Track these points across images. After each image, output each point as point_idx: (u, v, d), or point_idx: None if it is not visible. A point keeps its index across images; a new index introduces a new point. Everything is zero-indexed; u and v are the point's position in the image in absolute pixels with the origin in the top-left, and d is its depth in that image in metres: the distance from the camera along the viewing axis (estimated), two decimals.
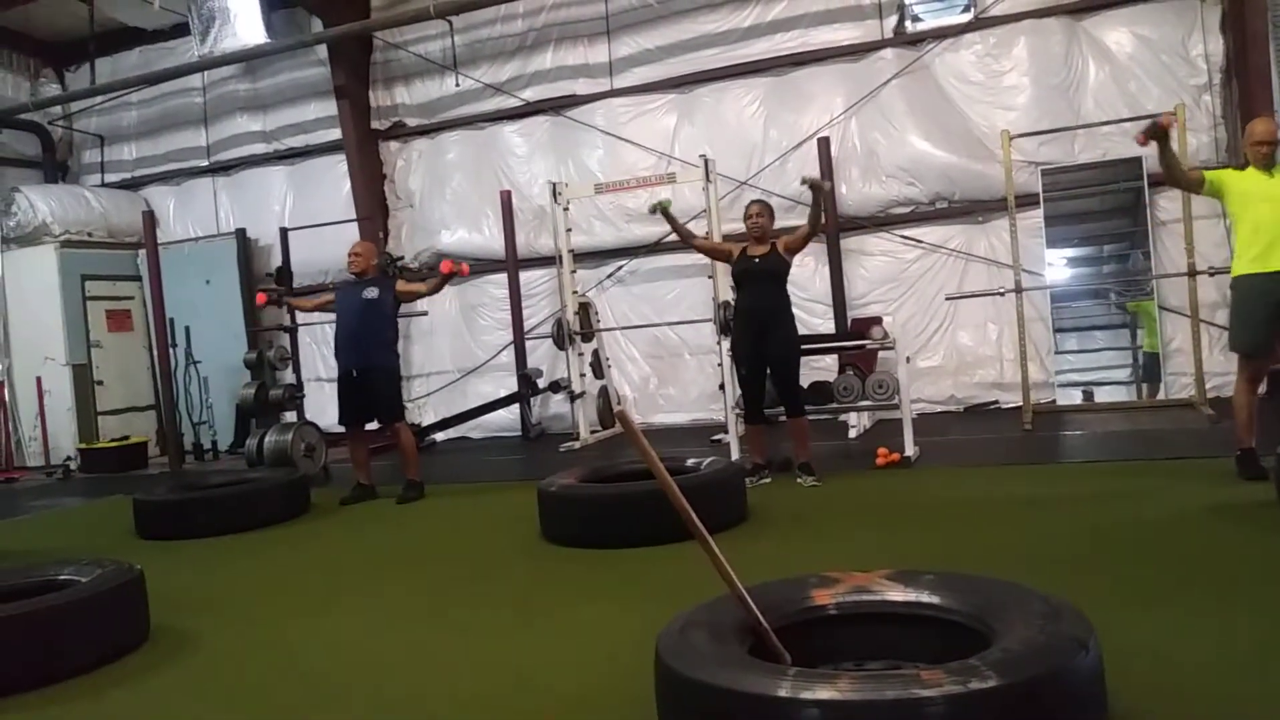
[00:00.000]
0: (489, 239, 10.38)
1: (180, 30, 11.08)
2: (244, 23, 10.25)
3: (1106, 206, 8.62)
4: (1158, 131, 4.96)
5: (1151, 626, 3.05)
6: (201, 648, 3.72)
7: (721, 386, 7.46)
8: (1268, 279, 4.82)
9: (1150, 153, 8.19)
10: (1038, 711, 2.02)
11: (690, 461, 5.41)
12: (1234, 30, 8.19)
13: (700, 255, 7.61)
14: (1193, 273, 7.67)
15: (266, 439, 7.82)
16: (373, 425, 6.92)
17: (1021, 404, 7.97)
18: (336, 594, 4.43)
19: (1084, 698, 2.14)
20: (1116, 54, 8.47)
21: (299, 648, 3.65)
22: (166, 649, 3.71)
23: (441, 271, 6.54)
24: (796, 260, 6.17)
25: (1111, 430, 7.17)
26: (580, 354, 9.18)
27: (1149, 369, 8.40)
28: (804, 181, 5.93)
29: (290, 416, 8.87)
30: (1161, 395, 8.15)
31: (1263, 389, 6.69)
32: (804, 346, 6.39)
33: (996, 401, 8.66)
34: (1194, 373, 7.78)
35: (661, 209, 6.26)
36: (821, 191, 5.81)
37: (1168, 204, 8.15)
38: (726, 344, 6.87)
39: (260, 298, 7.52)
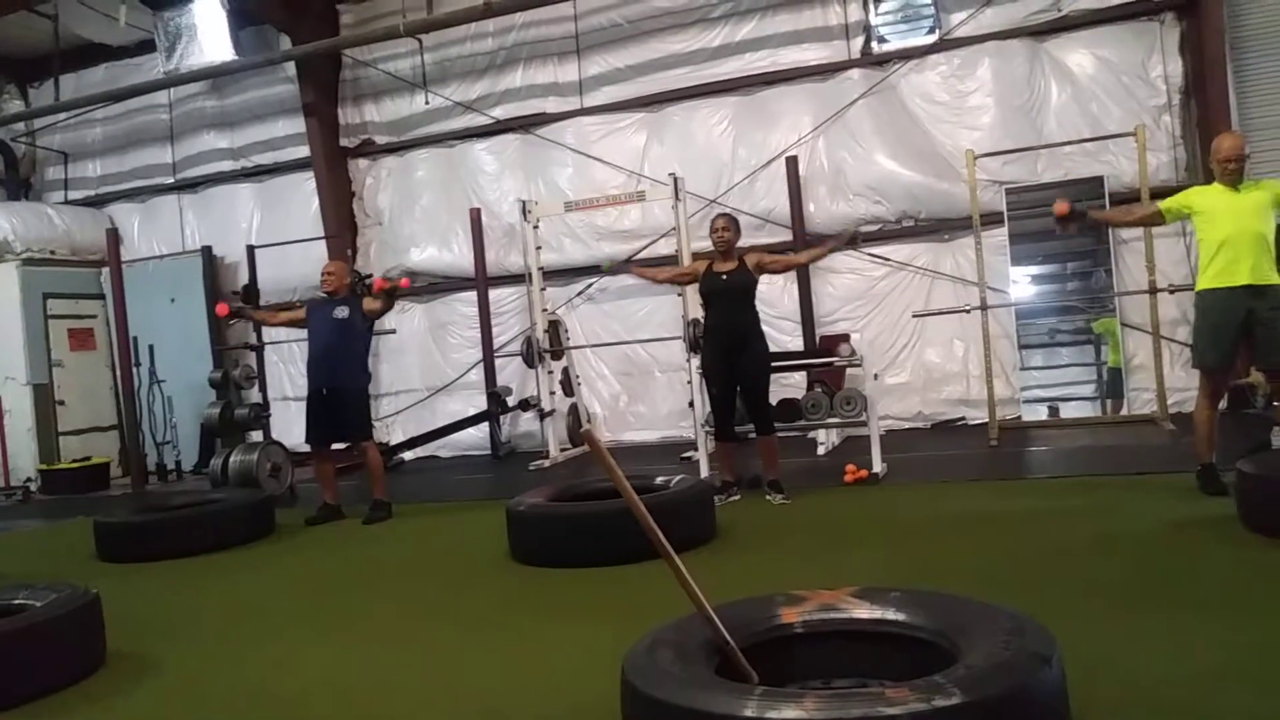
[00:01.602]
0: (458, 257, 10.35)
1: (146, 47, 11.00)
2: (211, 40, 10.19)
3: (1071, 231, 8.71)
4: (1066, 216, 5.10)
5: (1115, 641, 3.07)
6: (160, 673, 3.65)
7: (691, 404, 7.46)
8: (1230, 294, 4.88)
9: (1111, 171, 8.41)
10: None
11: (659, 479, 5.40)
12: (1192, 52, 8.36)
13: (671, 268, 7.62)
14: (1153, 290, 7.78)
15: (231, 459, 7.73)
16: (340, 445, 6.85)
17: (988, 420, 8.04)
18: (301, 617, 4.37)
19: (1047, 713, 2.15)
20: (1078, 75, 8.62)
21: (261, 672, 3.59)
22: (123, 675, 3.63)
23: (375, 289, 6.53)
24: (765, 277, 6.20)
25: (1076, 445, 7.25)
26: (550, 372, 9.16)
27: (1113, 385, 8.50)
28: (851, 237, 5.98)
29: (256, 436, 8.78)
30: (1124, 411, 8.25)
31: (1222, 404, 6.82)
32: (773, 364, 6.41)
33: (963, 418, 8.73)
34: (1156, 388, 7.89)
35: (609, 270, 6.35)
36: (854, 243, 5.95)
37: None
38: (696, 361, 6.88)
39: (221, 308, 7.37)
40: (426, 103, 10.31)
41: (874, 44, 9.24)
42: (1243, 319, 4.86)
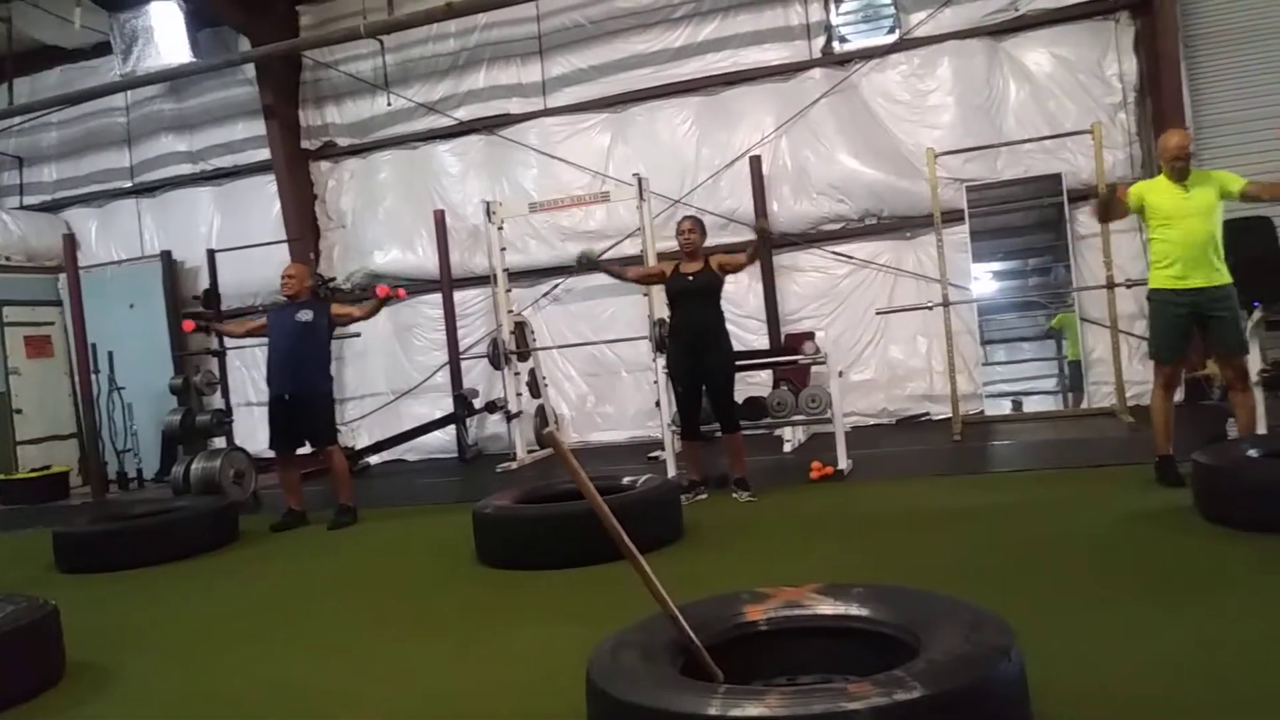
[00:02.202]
0: (423, 259, 10.30)
1: (102, 49, 10.83)
2: (168, 42, 10.04)
3: (1029, 222, 8.85)
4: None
5: (1074, 632, 3.12)
6: (120, 685, 3.60)
7: (658, 404, 7.48)
8: (1178, 294, 5.00)
9: (1069, 169, 8.51)
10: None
11: (626, 479, 5.40)
12: (1147, 51, 8.50)
13: (639, 268, 7.65)
14: (1111, 285, 7.90)
15: (193, 466, 7.63)
16: (304, 450, 6.79)
17: (951, 415, 8.12)
18: (265, 625, 4.33)
19: (1007, 705, 2.17)
20: (1036, 74, 8.73)
21: (225, 682, 3.55)
22: (83, 687, 3.58)
23: (378, 295, 6.48)
24: (730, 276, 6.22)
25: (1037, 439, 7.35)
26: (516, 373, 9.13)
27: (1073, 378, 8.63)
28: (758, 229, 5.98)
29: (219, 442, 8.68)
30: (1084, 404, 8.37)
31: (1180, 396, 6.94)
32: (739, 363, 6.44)
33: (927, 413, 8.81)
34: (1114, 382, 8.01)
35: (588, 261, 6.32)
36: (767, 236, 5.95)
37: (1086, 219, 8.38)
38: (662, 361, 6.90)
39: (188, 325, 7.29)
40: (389, 104, 10.24)
41: (835, 44, 9.30)
42: (1190, 311, 4.98)
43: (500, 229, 9.09)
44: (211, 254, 10.24)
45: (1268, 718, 2.39)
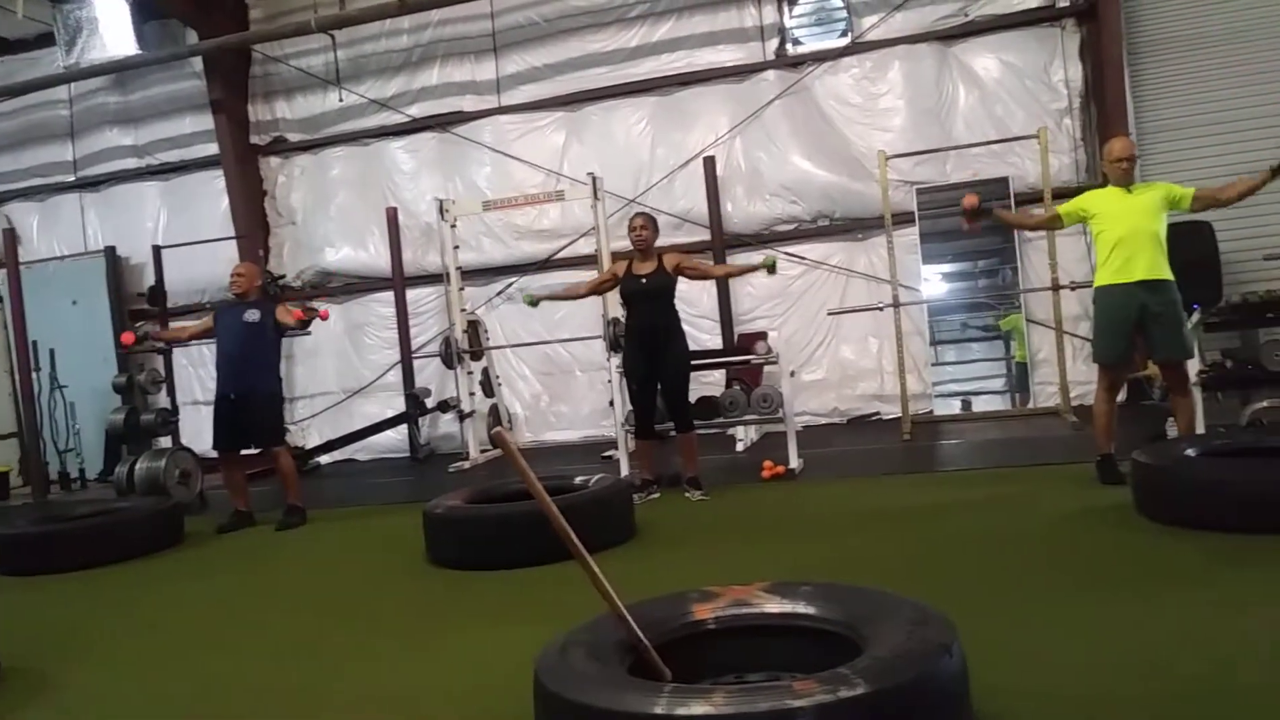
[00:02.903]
0: (374, 256, 10.20)
1: (45, 40, 10.59)
2: (113, 33, 9.84)
3: (979, 226, 8.95)
4: (972, 211, 5.28)
5: (1016, 627, 3.18)
6: (59, 691, 3.52)
7: (612, 403, 7.48)
8: (1125, 290, 5.09)
9: (1016, 172, 8.67)
10: (904, 716, 2.08)
11: (578, 479, 5.39)
12: (1092, 57, 8.69)
13: (590, 280, 7.63)
14: (1056, 287, 8.05)
15: (137, 466, 7.48)
16: (251, 450, 6.69)
17: (901, 415, 8.22)
18: (210, 628, 4.26)
19: (949, 700, 2.21)
20: (984, 79, 8.87)
21: (167, 688, 3.49)
22: (18, 694, 3.49)
23: (294, 319, 6.40)
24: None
25: (984, 438, 7.47)
26: (469, 372, 9.08)
27: (1020, 379, 8.78)
28: (766, 264, 6.05)
29: (165, 442, 8.52)
30: (1030, 404, 8.52)
31: (1122, 397, 7.09)
32: (692, 362, 6.46)
33: (878, 413, 8.92)
34: (1059, 382, 8.17)
35: (533, 301, 6.37)
36: (771, 271, 6.00)
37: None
38: (617, 361, 6.91)
39: (127, 338, 7.04)
40: (340, 100, 10.13)
41: (789, 46, 9.39)
42: (1137, 314, 5.07)
43: (453, 227, 9.03)
44: (157, 250, 10.05)
45: (1202, 708, 2.45)
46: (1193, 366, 5.52)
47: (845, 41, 9.17)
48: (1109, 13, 8.39)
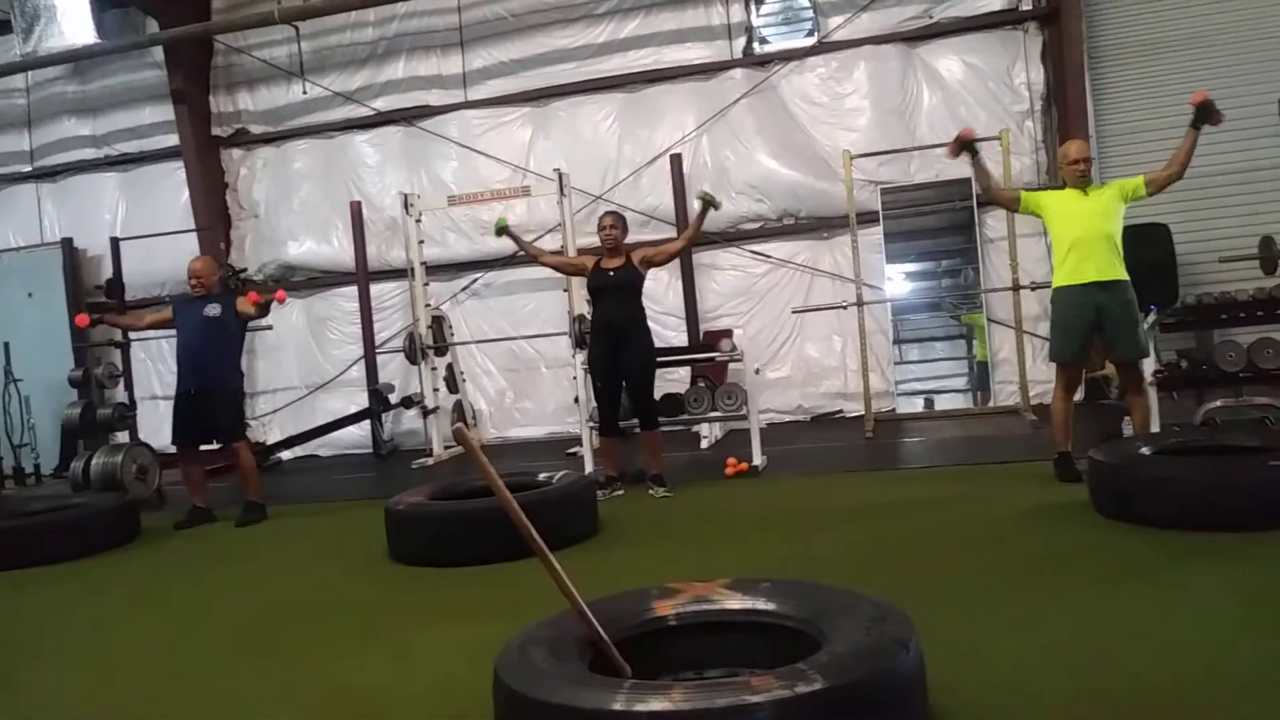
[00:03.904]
0: (338, 250, 10.12)
1: (1, 28, 10.37)
2: (72, 21, 9.68)
3: (941, 224, 9.08)
4: (964, 142, 5.30)
5: (973, 623, 3.21)
6: (6, 692, 3.45)
7: (577, 399, 7.47)
8: (1083, 290, 5.17)
9: None
10: (861, 711, 2.09)
11: (542, 476, 5.38)
12: (1053, 60, 8.79)
13: (556, 254, 7.63)
14: (1016, 287, 8.15)
15: (94, 461, 7.36)
16: (210, 445, 6.61)
17: (864, 413, 8.28)
18: (165, 626, 4.20)
19: (906, 696, 2.23)
20: (948, 80, 8.95)
21: (122, 687, 3.44)
22: None
23: (250, 302, 6.33)
24: (651, 274, 6.25)
25: (946, 436, 7.55)
26: (434, 368, 9.03)
27: (981, 378, 8.88)
28: (701, 196, 5.93)
29: (123, 437, 8.40)
30: (991, 402, 8.62)
31: (1080, 395, 7.19)
32: (658, 359, 6.46)
33: (841, 411, 8.98)
34: (1019, 381, 8.27)
35: (501, 229, 6.27)
36: (713, 207, 5.91)
37: (995, 223, 8.65)
38: (582, 357, 6.90)
39: (82, 319, 6.91)
40: (304, 92, 10.02)
41: (755, 45, 9.42)
42: (1094, 315, 5.16)
43: (418, 222, 8.98)
44: (115, 242, 9.89)
45: (1154, 701, 2.50)
46: (1148, 366, 5.62)
47: (811, 41, 9.22)
48: (1070, 17, 8.50)
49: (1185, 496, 4.08)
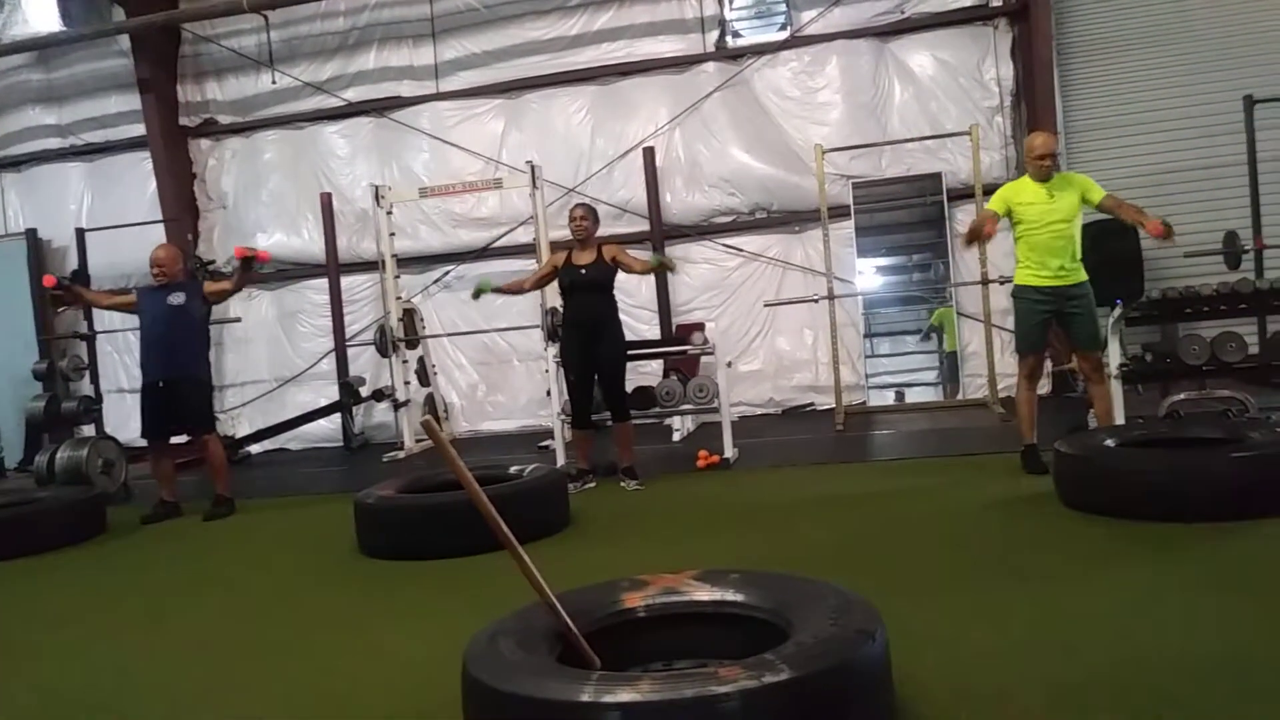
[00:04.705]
0: (308, 242, 10.04)
1: None
2: (36, 8, 9.56)
3: (912, 219, 9.14)
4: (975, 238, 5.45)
5: (939, 614, 3.24)
6: None
7: (549, 393, 7.47)
8: (1043, 291, 5.28)
9: (949, 168, 8.81)
10: (828, 700, 2.11)
11: (513, 469, 5.37)
12: (1023, 56, 8.87)
13: (531, 269, 7.61)
14: (985, 281, 8.23)
15: (59, 455, 7.25)
16: (178, 439, 6.54)
17: (835, 406, 8.33)
18: (130, 621, 4.16)
19: (871, 685, 2.25)
20: (919, 76, 9.01)
21: (88, 681, 3.39)
22: None
23: (236, 255, 6.26)
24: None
25: (915, 429, 7.61)
26: (405, 361, 8.98)
27: (950, 371, 8.96)
28: (660, 262, 6.29)
29: (89, 430, 8.29)
30: (960, 395, 8.70)
31: (1046, 389, 7.28)
32: (630, 352, 6.47)
33: (812, 403, 9.03)
34: (987, 374, 8.35)
35: (483, 290, 6.29)
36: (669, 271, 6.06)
37: (965, 217, 8.69)
38: (554, 350, 6.89)
39: (48, 279, 6.81)
40: (274, 82, 9.91)
41: (728, 38, 9.43)
42: (1053, 308, 5.27)
43: (389, 214, 8.92)
44: (81, 233, 9.77)
45: (1115, 691, 2.53)
46: (1114, 359, 5.69)
47: (784, 35, 9.25)
48: (1040, 14, 8.57)
49: (1149, 488, 4.13)
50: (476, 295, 6.35)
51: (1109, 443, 4.72)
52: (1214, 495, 4.03)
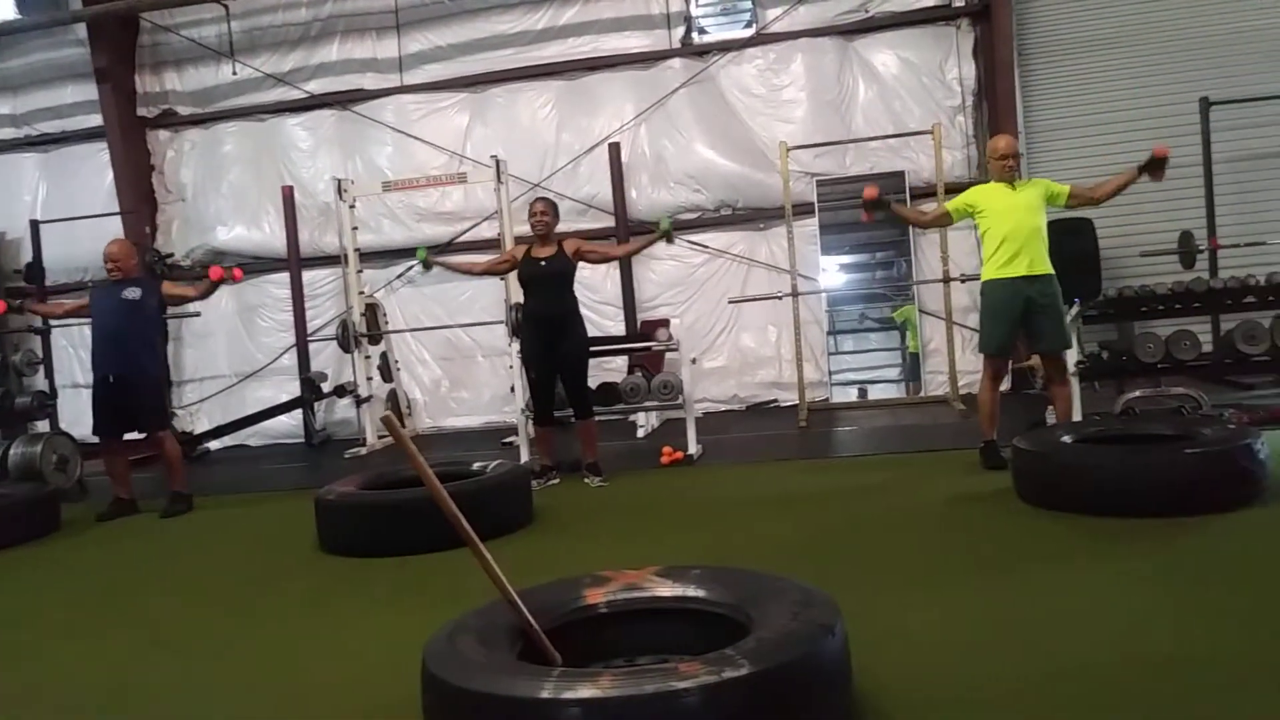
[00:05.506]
0: (269, 236, 9.91)
1: None
2: None
3: (876, 217, 9.17)
4: (869, 204, 5.50)
5: (899, 608, 3.28)
6: None
7: (513, 389, 7.44)
8: (1011, 284, 5.31)
9: (912, 167, 8.89)
10: (787, 694, 2.12)
11: (476, 465, 5.35)
12: (984, 56, 8.96)
13: (487, 259, 7.56)
14: (947, 279, 8.31)
15: (11, 451, 7.10)
16: (134, 435, 6.43)
17: (798, 402, 8.37)
18: (84, 620, 4.09)
19: (830, 679, 2.26)
20: (883, 74, 9.06)
21: (43, 681, 3.33)
22: None
23: (210, 278, 6.18)
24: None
25: (877, 426, 7.67)
26: (367, 356, 8.90)
27: (913, 368, 9.04)
28: (664, 229, 6.19)
29: (43, 426, 8.13)
30: (922, 392, 8.79)
31: (1006, 386, 7.36)
32: (593, 348, 6.46)
33: (776, 400, 9.07)
34: (948, 371, 8.43)
35: (424, 261, 6.27)
36: (667, 241, 6.29)
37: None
38: (518, 346, 6.87)
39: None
40: (234, 73, 9.78)
41: (694, 35, 9.43)
42: (1021, 308, 5.29)
43: (352, 208, 8.83)
44: (35, 225, 9.58)
45: (1074, 685, 2.57)
46: (1071, 357, 5.77)
47: (750, 32, 9.27)
48: (1001, 14, 8.67)
49: (1104, 483, 4.20)
50: (425, 265, 6.34)
51: (1066, 439, 4.79)
52: (1168, 490, 4.09)
